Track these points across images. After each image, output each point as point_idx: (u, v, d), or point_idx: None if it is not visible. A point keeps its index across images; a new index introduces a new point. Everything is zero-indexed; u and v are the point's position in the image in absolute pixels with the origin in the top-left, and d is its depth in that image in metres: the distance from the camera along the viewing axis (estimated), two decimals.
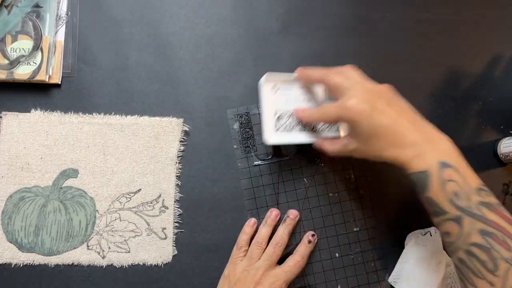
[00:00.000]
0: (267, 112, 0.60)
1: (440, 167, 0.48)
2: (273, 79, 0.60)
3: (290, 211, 0.62)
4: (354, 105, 0.51)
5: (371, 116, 0.51)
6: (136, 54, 0.65)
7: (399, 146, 0.50)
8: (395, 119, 0.51)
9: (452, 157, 0.50)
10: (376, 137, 0.51)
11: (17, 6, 0.63)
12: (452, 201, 0.48)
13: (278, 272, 0.58)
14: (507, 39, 0.71)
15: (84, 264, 0.61)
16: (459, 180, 0.48)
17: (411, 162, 0.50)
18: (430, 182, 0.49)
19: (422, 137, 0.50)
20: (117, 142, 0.63)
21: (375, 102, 0.52)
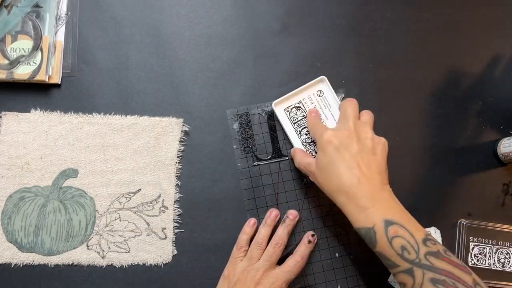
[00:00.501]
0: (298, 95, 0.65)
1: (385, 225, 0.51)
2: (327, 86, 0.65)
3: (290, 211, 0.62)
4: (329, 135, 0.55)
5: (330, 152, 0.55)
6: (136, 54, 0.65)
7: (347, 195, 0.53)
8: (352, 166, 0.53)
9: (396, 213, 0.52)
10: (331, 173, 0.54)
11: (17, 6, 0.63)
12: (401, 255, 0.50)
13: (278, 272, 0.58)
14: (507, 39, 0.71)
15: (84, 264, 0.61)
16: (405, 235, 0.50)
17: (357, 217, 0.52)
18: (377, 238, 0.51)
19: (370, 192, 0.52)
20: (117, 142, 0.63)
21: (341, 145, 0.55)
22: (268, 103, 0.65)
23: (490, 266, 0.65)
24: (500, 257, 0.65)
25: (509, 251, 0.65)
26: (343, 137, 0.55)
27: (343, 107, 0.60)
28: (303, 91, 0.65)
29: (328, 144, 0.55)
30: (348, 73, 0.67)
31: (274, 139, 0.65)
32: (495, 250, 0.65)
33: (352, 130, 0.56)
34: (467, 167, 0.67)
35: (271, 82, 0.66)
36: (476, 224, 0.65)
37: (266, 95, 0.66)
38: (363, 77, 0.68)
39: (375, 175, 0.54)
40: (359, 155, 0.54)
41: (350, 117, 0.58)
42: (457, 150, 0.67)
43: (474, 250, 0.64)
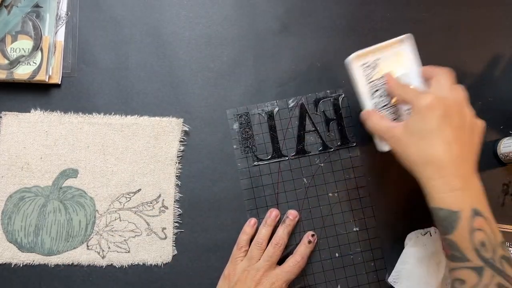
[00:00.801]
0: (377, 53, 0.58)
1: (472, 214, 0.47)
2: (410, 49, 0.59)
3: (290, 211, 0.62)
4: (432, 100, 0.49)
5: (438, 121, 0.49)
6: (136, 54, 0.65)
7: (438, 170, 0.48)
8: (452, 140, 0.48)
9: (484, 205, 0.48)
10: (425, 141, 0.49)
11: (17, 6, 0.63)
12: (478, 251, 0.46)
13: (278, 272, 0.58)
14: (507, 39, 0.71)
15: (84, 264, 0.61)
16: (488, 231, 0.46)
17: (444, 196, 0.48)
18: (458, 225, 0.47)
19: (463, 173, 0.48)
20: (117, 142, 0.63)
21: (445, 115, 0.49)
22: (267, 103, 0.65)
23: None
24: None
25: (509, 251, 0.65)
26: (448, 106, 0.49)
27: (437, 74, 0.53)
28: (383, 47, 0.58)
29: (429, 110, 0.49)
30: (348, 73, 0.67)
31: (274, 139, 0.65)
32: None
33: (455, 101, 0.50)
34: None
35: (271, 82, 0.66)
36: None
37: (266, 95, 0.66)
38: None
39: (470, 157, 0.49)
40: (460, 131, 0.49)
41: (448, 87, 0.51)
42: None
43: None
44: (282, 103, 0.66)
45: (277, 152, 0.64)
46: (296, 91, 0.66)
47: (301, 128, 0.65)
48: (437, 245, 0.61)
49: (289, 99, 0.66)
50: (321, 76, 0.67)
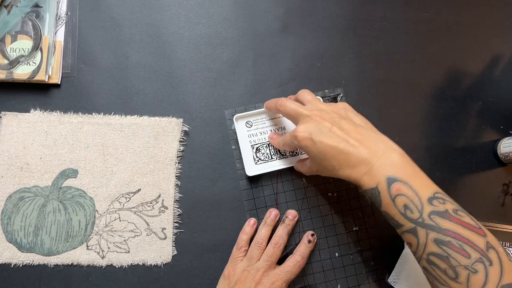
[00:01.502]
0: (245, 147, 0.64)
1: (388, 183, 0.49)
2: (245, 116, 0.64)
3: (289, 211, 0.62)
4: (299, 134, 0.54)
5: (317, 140, 0.52)
6: (136, 54, 0.65)
7: (349, 165, 0.51)
8: (341, 140, 0.52)
9: (401, 170, 0.50)
10: (326, 159, 0.53)
11: (17, 6, 0.63)
12: (404, 214, 0.49)
13: (278, 272, 0.58)
14: (507, 39, 0.71)
15: (83, 264, 0.61)
16: (408, 193, 0.48)
17: (362, 180, 0.51)
18: (381, 197, 0.50)
19: (369, 154, 0.51)
20: (116, 142, 0.63)
21: (321, 127, 0.53)
22: None
23: None
24: None
25: (509, 251, 0.65)
26: (311, 126, 0.54)
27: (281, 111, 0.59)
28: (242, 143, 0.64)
29: (304, 140, 0.53)
30: (348, 73, 0.67)
31: None
32: None
33: (311, 117, 0.54)
34: (467, 167, 0.67)
35: (271, 82, 0.66)
36: None
37: (266, 95, 0.66)
38: (363, 77, 0.68)
39: (362, 133, 0.52)
40: (335, 127, 0.53)
41: (298, 109, 0.56)
42: (457, 150, 0.67)
43: None
44: None
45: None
46: (296, 91, 0.66)
47: None
48: None
49: None
50: (321, 76, 0.67)
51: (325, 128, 0.53)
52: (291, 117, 0.58)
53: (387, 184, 0.49)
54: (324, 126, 0.53)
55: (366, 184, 0.51)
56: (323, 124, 0.53)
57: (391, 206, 0.49)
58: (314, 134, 0.53)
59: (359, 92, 0.67)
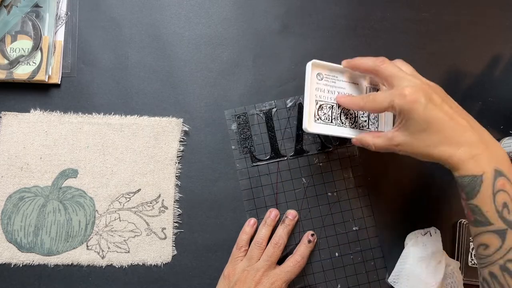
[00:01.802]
0: (310, 99, 0.58)
1: (495, 175, 0.46)
2: (320, 66, 0.59)
3: (289, 211, 0.62)
4: (410, 93, 0.49)
5: (427, 106, 0.48)
6: (136, 54, 0.65)
7: (454, 143, 0.47)
8: (452, 114, 0.48)
9: (506, 165, 0.47)
10: (429, 130, 0.48)
11: (17, 6, 0.63)
12: (500, 213, 0.45)
13: (278, 272, 0.58)
14: (507, 39, 0.70)
15: (83, 264, 0.61)
16: (510, 191, 0.46)
17: (465, 164, 0.47)
18: (482, 188, 0.46)
19: (478, 139, 0.47)
20: (116, 142, 0.63)
21: (431, 95, 0.49)
22: (266, 103, 0.65)
23: None
24: None
25: None
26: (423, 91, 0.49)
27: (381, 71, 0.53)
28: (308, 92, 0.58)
29: (414, 103, 0.48)
30: None
31: (273, 139, 0.65)
32: None
33: (420, 82, 0.50)
34: None
35: (271, 82, 0.66)
36: None
37: (266, 95, 0.66)
38: None
39: (473, 121, 0.49)
40: (446, 103, 0.49)
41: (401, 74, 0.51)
42: None
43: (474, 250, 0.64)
44: (280, 103, 0.66)
45: (275, 152, 0.64)
46: (296, 91, 0.66)
47: (299, 128, 0.65)
48: (437, 245, 0.61)
49: (287, 99, 0.66)
50: None
51: (436, 99, 0.49)
52: (390, 79, 0.52)
53: (493, 176, 0.46)
54: (435, 97, 0.49)
55: (469, 169, 0.47)
56: (433, 95, 0.49)
57: (489, 200, 0.46)
58: (426, 99, 0.48)
59: None
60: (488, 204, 0.46)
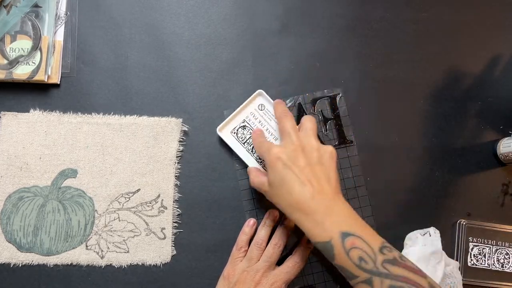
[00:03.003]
0: (240, 116, 0.64)
1: (342, 237, 0.50)
2: (264, 100, 0.64)
3: None
4: (276, 152, 0.54)
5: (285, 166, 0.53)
6: (135, 54, 0.65)
7: (303, 211, 0.52)
8: (303, 181, 0.52)
9: (352, 224, 0.51)
10: (283, 189, 0.53)
11: (16, 6, 0.63)
12: (359, 266, 0.49)
13: (278, 272, 0.58)
14: (507, 39, 0.70)
15: (83, 264, 0.61)
16: (361, 246, 0.50)
17: (314, 232, 0.51)
18: (335, 251, 0.50)
19: (323, 207, 0.51)
20: (116, 142, 0.63)
21: (297, 156, 0.54)
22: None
23: (489, 266, 0.64)
24: (499, 258, 0.65)
25: (509, 251, 0.65)
26: (290, 152, 0.54)
27: (279, 122, 0.59)
28: (244, 109, 0.64)
29: (276, 161, 0.54)
30: (347, 73, 0.67)
31: None
32: (495, 251, 0.65)
33: (296, 144, 0.55)
34: (467, 167, 0.67)
35: (270, 82, 0.66)
36: (475, 224, 0.65)
37: None
38: (363, 77, 0.67)
39: (326, 187, 0.53)
40: (308, 168, 0.53)
41: (290, 131, 0.56)
42: (456, 150, 0.67)
43: (474, 251, 0.64)
44: None
45: None
46: (296, 91, 0.66)
47: None
48: (436, 245, 0.61)
49: (287, 99, 0.66)
50: (321, 76, 0.67)
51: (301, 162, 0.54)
52: (280, 133, 0.58)
53: (341, 239, 0.50)
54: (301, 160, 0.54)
55: (318, 237, 0.51)
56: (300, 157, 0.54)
57: (345, 259, 0.50)
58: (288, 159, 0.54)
59: (358, 92, 0.67)
60: (347, 262, 0.50)
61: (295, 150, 0.54)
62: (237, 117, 0.64)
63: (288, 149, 0.55)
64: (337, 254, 0.50)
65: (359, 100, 0.67)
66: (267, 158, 0.55)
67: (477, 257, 0.64)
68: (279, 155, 0.54)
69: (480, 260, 0.64)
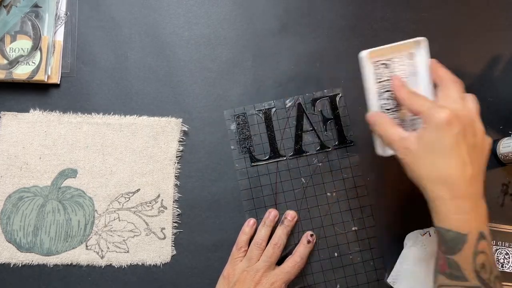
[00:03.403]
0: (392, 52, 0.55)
1: (479, 237, 0.46)
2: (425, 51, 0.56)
3: (288, 212, 0.62)
4: (451, 114, 0.46)
5: (456, 137, 0.46)
6: (135, 54, 0.65)
7: (450, 190, 0.46)
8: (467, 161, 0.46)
9: (487, 227, 0.48)
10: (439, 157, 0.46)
11: (16, 6, 0.63)
12: (478, 272, 0.46)
13: (278, 272, 0.58)
14: (507, 39, 0.70)
15: (83, 264, 0.61)
16: (489, 253, 0.47)
17: (454, 218, 0.46)
18: (464, 247, 0.46)
19: (473, 197, 0.47)
20: (116, 142, 0.63)
21: (467, 131, 0.47)
22: (265, 103, 0.65)
23: None
24: (499, 257, 0.65)
25: (508, 251, 0.65)
26: (464, 123, 0.46)
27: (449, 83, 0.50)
28: (397, 49, 0.55)
29: (447, 126, 0.45)
30: (347, 73, 0.67)
31: (272, 139, 0.65)
32: (494, 250, 0.65)
33: (470, 117, 0.48)
34: None
35: (270, 82, 0.66)
36: None
37: (265, 95, 0.66)
38: None
39: (481, 177, 0.48)
40: (473, 149, 0.47)
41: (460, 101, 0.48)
42: None
43: None
44: (280, 103, 0.66)
45: (275, 152, 0.64)
46: (295, 91, 0.66)
47: (298, 128, 0.65)
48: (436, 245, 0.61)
49: (286, 99, 0.66)
50: (321, 76, 0.67)
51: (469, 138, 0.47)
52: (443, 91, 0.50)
53: (477, 238, 0.46)
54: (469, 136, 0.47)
55: (455, 225, 0.46)
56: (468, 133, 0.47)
57: (470, 260, 0.46)
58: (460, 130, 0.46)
59: (358, 92, 0.66)
60: (468, 263, 0.46)
61: (470, 125, 0.47)
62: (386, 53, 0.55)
63: (464, 119, 0.47)
64: (464, 251, 0.46)
65: (359, 100, 0.67)
66: (433, 117, 0.46)
67: None
68: (454, 120, 0.45)
69: None
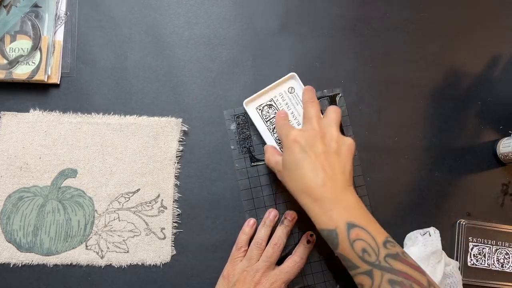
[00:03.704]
0: (270, 93, 0.65)
1: (347, 228, 0.51)
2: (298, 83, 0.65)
3: (288, 212, 0.62)
4: (295, 134, 0.55)
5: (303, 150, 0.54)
6: (135, 54, 0.65)
7: (312, 196, 0.52)
8: (317, 167, 0.53)
9: (358, 215, 0.52)
10: (293, 173, 0.54)
11: (16, 6, 0.63)
12: (362, 257, 0.50)
13: (277, 272, 0.58)
14: (507, 39, 0.70)
15: (82, 264, 0.61)
16: (366, 238, 0.51)
17: (320, 219, 0.52)
18: (340, 240, 0.51)
19: (332, 195, 0.52)
20: (116, 142, 0.63)
21: (315, 142, 0.55)
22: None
23: (489, 266, 0.64)
24: (499, 257, 0.65)
25: (508, 251, 0.65)
26: (309, 137, 0.55)
27: (305, 107, 0.59)
28: (274, 88, 0.64)
29: (293, 144, 0.55)
30: (347, 73, 0.67)
31: None
32: (494, 250, 0.65)
33: (317, 130, 0.56)
34: (467, 167, 0.67)
35: (270, 82, 0.66)
36: (475, 224, 0.65)
37: None
38: (362, 77, 0.67)
39: (339, 176, 0.53)
40: (324, 155, 0.54)
41: (313, 117, 0.57)
42: (456, 150, 0.67)
43: (473, 250, 0.64)
44: None
45: None
46: None
47: None
48: (436, 245, 0.61)
49: None
50: (320, 76, 0.67)
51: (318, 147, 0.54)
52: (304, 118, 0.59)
53: (346, 229, 0.51)
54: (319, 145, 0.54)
55: (324, 224, 0.52)
56: (318, 143, 0.54)
57: (349, 249, 0.51)
58: (306, 143, 0.54)
59: (358, 92, 0.67)
60: (349, 253, 0.51)
61: (315, 136, 0.55)
62: (265, 95, 0.64)
63: (307, 134, 0.55)
64: (341, 243, 0.51)
65: (359, 100, 0.67)
66: (285, 139, 0.56)
67: (477, 257, 0.64)
68: (298, 138, 0.55)
69: (480, 260, 0.64)
